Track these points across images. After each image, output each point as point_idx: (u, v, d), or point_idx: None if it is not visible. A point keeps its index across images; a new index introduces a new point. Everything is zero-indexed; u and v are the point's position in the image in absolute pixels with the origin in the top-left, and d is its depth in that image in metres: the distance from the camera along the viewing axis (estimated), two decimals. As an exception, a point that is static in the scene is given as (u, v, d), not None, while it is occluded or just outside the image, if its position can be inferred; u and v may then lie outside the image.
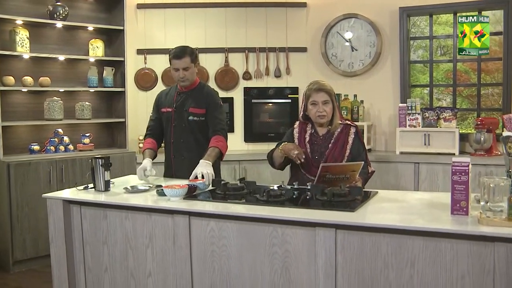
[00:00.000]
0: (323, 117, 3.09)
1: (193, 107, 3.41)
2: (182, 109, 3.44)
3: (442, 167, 4.53)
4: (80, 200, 2.77)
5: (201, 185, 2.84)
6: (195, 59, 3.40)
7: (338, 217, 2.20)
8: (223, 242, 2.43)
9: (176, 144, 3.45)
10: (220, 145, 3.30)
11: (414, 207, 2.39)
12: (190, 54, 3.36)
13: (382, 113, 5.28)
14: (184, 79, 3.38)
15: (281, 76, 5.60)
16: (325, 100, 3.08)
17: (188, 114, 3.42)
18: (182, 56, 3.33)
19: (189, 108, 3.42)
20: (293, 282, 2.30)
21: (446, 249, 2.03)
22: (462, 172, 2.14)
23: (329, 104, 3.09)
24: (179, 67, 3.35)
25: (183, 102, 3.46)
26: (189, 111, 3.42)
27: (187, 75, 3.37)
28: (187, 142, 3.41)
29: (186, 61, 3.33)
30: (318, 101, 3.08)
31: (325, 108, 3.08)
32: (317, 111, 3.08)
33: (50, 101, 4.70)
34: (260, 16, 5.55)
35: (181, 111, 3.44)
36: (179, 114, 3.45)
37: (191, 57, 3.36)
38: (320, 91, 3.09)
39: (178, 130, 3.45)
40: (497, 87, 5.37)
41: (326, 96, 3.09)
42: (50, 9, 4.69)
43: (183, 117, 3.44)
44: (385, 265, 2.13)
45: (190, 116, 3.41)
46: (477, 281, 1.99)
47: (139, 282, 2.67)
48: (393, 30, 5.16)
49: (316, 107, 3.08)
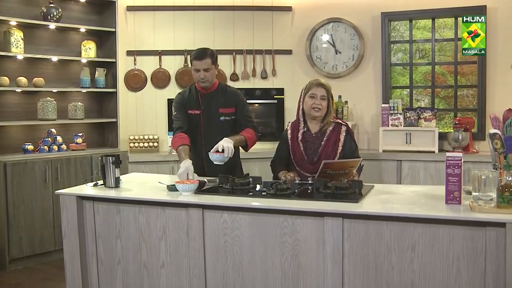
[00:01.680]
0: (318, 110, 3.28)
1: (222, 107, 3.49)
2: (212, 111, 3.48)
3: (423, 164, 4.81)
4: (95, 196, 2.90)
5: (220, 157, 3.02)
6: (215, 60, 3.46)
7: (345, 208, 2.41)
8: (236, 233, 2.61)
9: (208, 146, 3.30)
10: (247, 136, 3.40)
11: (410, 198, 2.62)
12: (211, 56, 3.40)
13: (365, 113, 5.53)
14: (204, 80, 3.42)
15: (267, 77, 5.79)
16: (323, 95, 3.29)
17: (219, 114, 3.47)
18: (203, 57, 3.38)
19: (219, 109, 3.48)
20: (303, 268, 2.49)
21: (443, 234, 2.26)
22: (455, 166, 2.38)
23: (325, 100, 3.30)
24: (200, 68, 3.39)
25: (211, 103, 3.50)
26: (219, 112, 3.48)
27: (207, 76, 3.41)
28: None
29: (207, 62, 3.38)
30: (317, 94, 3.28)
31: (321, 102, 3.28)
32: (314, 103, 3.27)
33: (44, 101, 4.77)
34: (247, 19, 5.73)
35: (211, 112, 3.48)
36: (208, 116, 3.49)
37: (212, 58, 3.41)
38: (320, 86, 3.30)
39: (209, 132, 3.47)
40: (472, 89, 5.70)
41: (324, 92, 3.30)
42: (43, 11, 4.77)
43: (213, 118, 3.48)
44: (388, 250, 2.34)
45: (222, 116, 3.48)
46: (470, 262, 2.23)
47: (152, 273, 2.82)
48: (375, 34, 5.42)
49: (314, 100, 3.28)
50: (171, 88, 5.68)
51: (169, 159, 5.26)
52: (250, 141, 3.44)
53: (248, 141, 3.42)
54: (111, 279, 2.93)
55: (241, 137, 3.38)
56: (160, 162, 5.25)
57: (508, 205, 2.22)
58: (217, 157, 3.07)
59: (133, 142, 5.49)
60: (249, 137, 3.42)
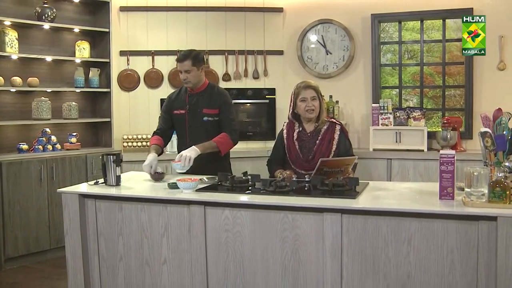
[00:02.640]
0: (312, 111, 3.38)
1: (206, 107, 3.58)
2: (196, 110, 3.60)
3: (412, 162, 4.92)
4: (97, 194, 2.95)
5: (177, 166, 3.19)
6: (197, 62, 3.55)
7: (343, 203, 2.50)
8: (237, 229, 2.68)
9: (192, 145, 3.40)
10: (218, 141, 3.46)
11: (405, 194, 2.73)
12: (192, 58, 3.51)
13: (355, 113, 5.64)
14: (186, 81, 3.55)
15: (259, 77, 5.87)
16: (313, 96, 3.39)
17: (203, 114, 3.58)
18: (183, 60, 3.52)
19: (203, 109, 3.58)
20: (303, 262, 2.58)
21: (438, 228, 2.37)
22: (448, 163, 2.49)
23: (316, 100, 3.40)
24: (181, 70, 3.54)
25: (196, 103, 3.61)
26: (203, 112, 3.58)
27: (189, 77, 3.54)
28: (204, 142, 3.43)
29: (187, 64, 3.51)
30: (307, 97, 3.38)
31: (313, 103, 3.38)
32: (307, 106, 3.38)
33: (39, 101, 4.80)
34: (239, 20, 5.80)
35: (195, 112, 3.60)
36: (193, 115, 3.61)
37: (193, 60, 3.52)
38: (308, 88, 3.40)
39: (194, 131, 3.59)
40: (459, 89, 5.84)
41: (313, 93, 3.39)
42: (38, 11, 4.79)
43: (197, 118, 3.59)
44: (385, 244, 2.44)
45: (205, 116, 3.58)
46: (464, 254, 2.33)
47: (154, 269, 2.89)
48: (365, 35, 5.53)
49: (306, 103, 3.38)
50: (164, 88, 5.73)
51: (163, 158, 5.23)
52: (222, 146, 3.48)
53: (219, 146, 3.47)
54: (113, 275, 2.99)
55: (211, 143, 3.43)
56: (154, 161, 5.29)
57: (499, 200, 2.33)
58: (174, 166, 3.22)
59: (127, 142, 5.53)
60: (221, 142, 3.47)
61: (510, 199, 2.33)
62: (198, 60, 3.56)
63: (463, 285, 2.34)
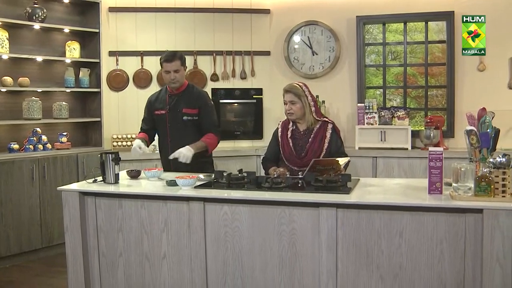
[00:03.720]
0: (290, 114, 3.54)
1: (186, 107, 3.72)
2: (176, 110, 3.74)
3: (397, 160, 5.09)
4: (97, 192, 3.02)
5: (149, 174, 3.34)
6: (184, 62, 3.73)
7: (338, 198, 2.63)
8: (236, 224, 2.79)
9: (174, 144, 3.68)
10: (208, 141, 3.68)
11: (396, 189, 2.87)
12: (179, 58, 3.70)
13: (341, 112, 5.78)
14: (174, 80, 3.69)
15: (246, 78, 5.97)
16: (291, 100, 3.51)
17: (182, 114, 3.73)
18: (172, 60, 3.66)
19: (183, 109, 3.73)
20: (299, 255, 2.70)
21: (428, 220, 2.51)
22: (437, 159, 2.63)
23: (296, 103, 3.51)
24: (170, 70, 3.66)
25: (176, 103, 3.76)
26: (183, 112, 3.73)
27: (177, 77, 3.69)
28: (185, 141, 3.61)
29: (177, 64, 3.66)
30: (286, 100, 3.54)
31: (292, 107, 3.52)
32: (286, 109, 3.54)
33: (29, 101, 4.82)
34: (226, 21, 5.90)
35: (175, 112, 3.74)
36: (173, 115, 3.75)
37: (181, 60, 3.70)
38: (288, 92, 3.54)
39: (174, 130, 3.75)
40: (441, 89, 6.04)
41: (292, 97, 3.52)
42: (28, 11, 4.82)
43: (177, 118, 3.74)
44: (378, 236, 2.57)
45: (184, 116, 3.73)
46: (452, 244, 2.48)
47: (154, 264, 2.97)
48: (350, 36, 5.68)
49: (285, 106, 3.54)
50: (153, 88, 5.78)
51: (153, 157, 5.35)
52: (211, 145, 3.73)
53: (209, 146, 3.71)
54: (113, 271, 3.07)
55: (202, 143, 3.66)
56: (144, 160, 5.32)
57: (484, 194, 2.48)
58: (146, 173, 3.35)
59: (116, 141, 5.58)
60: (210, 142, 3.70)
61: (495, 193, 2.48)
62: (184, 60, 3.74)
63: (451, 274, 2.49)
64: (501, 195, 2.47)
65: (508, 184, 2.48)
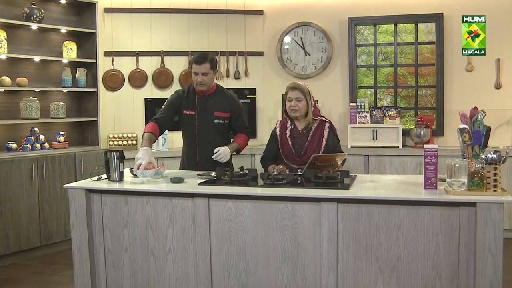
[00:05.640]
0: (295, 111, 3.62)
1: (218, 111, 3.72)
2: (207, 113, 3.71)
3: (388, 158, 5.24)
4: (104, 189, 3.10)
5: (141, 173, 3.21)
6: (214, 66, 3.65)
7: (339, 193, 2.75)
8: (240, 219, 2.89)
9: (201, 145, 3.70)
10: (241, 143, 3.79)
11: (392, 185, 2.99)
12: (210, 61, 3.60)
13: (333, 111, 5.91)
14: (202, 83, 3.63)
15: (240, 78, 6.07)
16: (298, 97, 3.61)
17: (214, 117, 3.71)
18: (202, 62, 3.57)
19: (214, 112, 3.71)
20: (301, 248, 2.81)
21: (424, 214, 2.64)
22: (432, 156, 2.76)
23: (302, 101, 3.62)
24: (198, 72, 3.59)
25: (206, 105, 3.71)
26: (214, 115, 3.71)
27: (205, 79, 3.62)
28: (214, 143, 3.63)
29: (206, 67, 3.58)
30: (292, 97, 3.62)
31: (297, 104, 3.61)
32: (291, 105, 3.62)
33: (27, 100, 4.87)
34: (220, 22, 5.99)
35: (206, 115, 3.71)
36: (203, 117, 3.71)
37: (211, 64, 3.61)
38: (295, 89, 3.63)
39: (203, 132, 3.72)
40: (430, 89, 6.20)
41: (299, 94, 3.62)
42: (26, 12, 4.86)
43: (208, 120, 3.71)
44: (377, 229, 2.70)
45: (216, 119, 3.72)
46: (447, 236, 2.61)
47: (159, 258, 3.06)
48: (342, 37, 5.81)
49: (290, 102, 3.62)
50: (148, 88, 5.88)
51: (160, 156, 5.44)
52: (242, 146, 3.82)
53: (241, 147, 3.81)
54: (118, 266, 3.15)
55: (236, 145, 3.77)
56: (140, 159, 5.42)
57: (477, 188, 2.62)
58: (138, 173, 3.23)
59: (112, 140, 5.65)
60: (243, 144, 3.82)
61: (487, 187, 2.62)
62: (215, 64, 3.67)
63: (446, 264, 2.62)
64: (492, 189, 2.61)
65: (499, 179, 2.63)
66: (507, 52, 5.28)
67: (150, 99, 5.86)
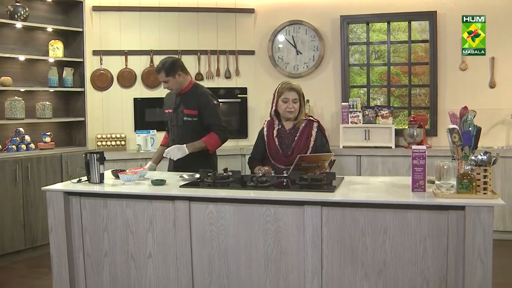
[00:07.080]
0: (291, 112, 3.53)
1: (186, 108, 3.75)
2: (178, 111, 3.79)
3: (381, 158, 5.15)
4: (82, 192, 3.00)
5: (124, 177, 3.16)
6: (171, 72, 3.70)
7: (323, 196, 2.65)
8: (221, 222, 2.80)
9: (174, 142, 3.78)
10: (207, 141, 3.69)
11: (380, 187, 2.90)
12: (165, 70, 3.69)
13: (325, 111, 5.82)
14: (168, 88, 3.81)
15: (231, 77, 5.98)
16: (294, 99, 3.53)
17: (183, 115, 3.76)
18: (158, 72, 3.75)
19: (184, 110, 3.76)
20: (284, 253, 2.72)
21: (411, 217, 2.54)
22: (420, 157, 2.67)
23: (297, 102, 3.54)
24: (160, 80, 3.81)
25: (179, 104, 3.82)
26: (183, 112, 3.76)
27: (169, 85, 3.77)
28: (184, 141, 3.68)
29: (162, 76, 3.73)
30: (289, 98, 3.52)
31: (294, 105, 3.52)
32: (287, 107, 3.52)
33: (12, 100, 4.77)
34: (211, 20, 5.89)
35: (178, 112, 3.80)
36: (176, 115, 3.81)
37: (166, 72, 3.70)
38: (292, 90, 3.54)
39: (176, 130, 3.81)
40: (424, 88, 6.11)
41: (296, 95, 3.54)
42: (10, 10, 4.76)
43: (179, 118, 3.79)
44: (362, 233, 2.60)
45: (185, 117, 3.76)
46: (435, 241, 2.52)
47: (139, 263, 2.96)
48: (334, 36, 5.72)
49: (287, 104, 3.52)
50: (137, 88, 5.78)
51: (137, 157, 5.35)
52: (210, 145, 3.71)
53: (208, 145, 3.70)
54: (98, 271, 3.05)
55: (200, 143, 3.69)
56: (128, 160, 5.32)
57: (467, 191, 2.52)
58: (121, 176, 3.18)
59: (100, 141, 5.55)
60: (209, 141, 3.71)
61: (477, 190, 2.52)
62: (171, 70, 3.71)
63: (434, 269, 2.52)
64: (482, 192, 2.52)
65: (489, 181, 2.53)
66: (501, 51, 5.19)
67: (139, 99, 5.76)
